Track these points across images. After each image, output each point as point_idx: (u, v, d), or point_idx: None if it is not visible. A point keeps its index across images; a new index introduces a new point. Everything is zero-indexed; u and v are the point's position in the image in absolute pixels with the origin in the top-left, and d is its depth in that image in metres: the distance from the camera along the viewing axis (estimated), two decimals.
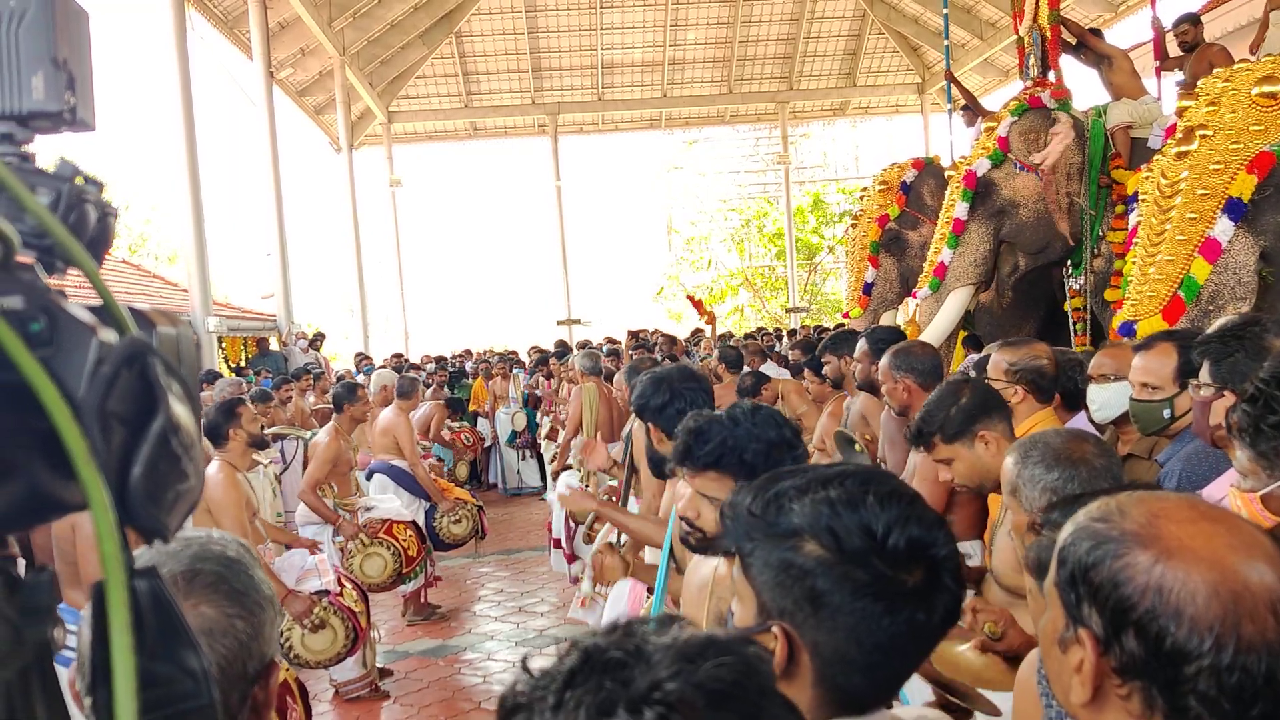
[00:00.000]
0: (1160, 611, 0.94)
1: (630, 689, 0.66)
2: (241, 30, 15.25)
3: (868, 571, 1.03)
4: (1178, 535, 0.98)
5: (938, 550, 1.07)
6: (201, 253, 11.82)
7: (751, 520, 1.09)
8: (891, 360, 3.81)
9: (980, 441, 2.69)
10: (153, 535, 0.52)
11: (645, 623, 0.74)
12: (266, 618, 1.23)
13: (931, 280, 6.92)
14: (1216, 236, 4.70)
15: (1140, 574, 0.96)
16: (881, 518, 1.05)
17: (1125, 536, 0.99)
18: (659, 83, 22.61)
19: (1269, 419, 1.68)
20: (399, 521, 6.34)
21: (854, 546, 1.04)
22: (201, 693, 0.60)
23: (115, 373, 0.48)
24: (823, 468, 1.15)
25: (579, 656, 0.70)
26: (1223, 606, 0.92)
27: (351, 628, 4.94)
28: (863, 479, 1.10)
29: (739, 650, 0.72)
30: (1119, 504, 1.04)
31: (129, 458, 0.49)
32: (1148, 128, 6.73)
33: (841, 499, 1.06)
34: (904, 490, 1.11)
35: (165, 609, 0.59)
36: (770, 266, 31.99)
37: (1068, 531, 1.07)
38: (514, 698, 0.70)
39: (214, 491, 4.57)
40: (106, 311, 0.55)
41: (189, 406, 0.53)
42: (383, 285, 22.23)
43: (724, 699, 0.67)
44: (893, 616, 1.03)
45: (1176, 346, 2.92)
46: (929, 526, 1.07)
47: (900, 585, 1.03)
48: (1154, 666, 0.94)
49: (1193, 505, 1.04)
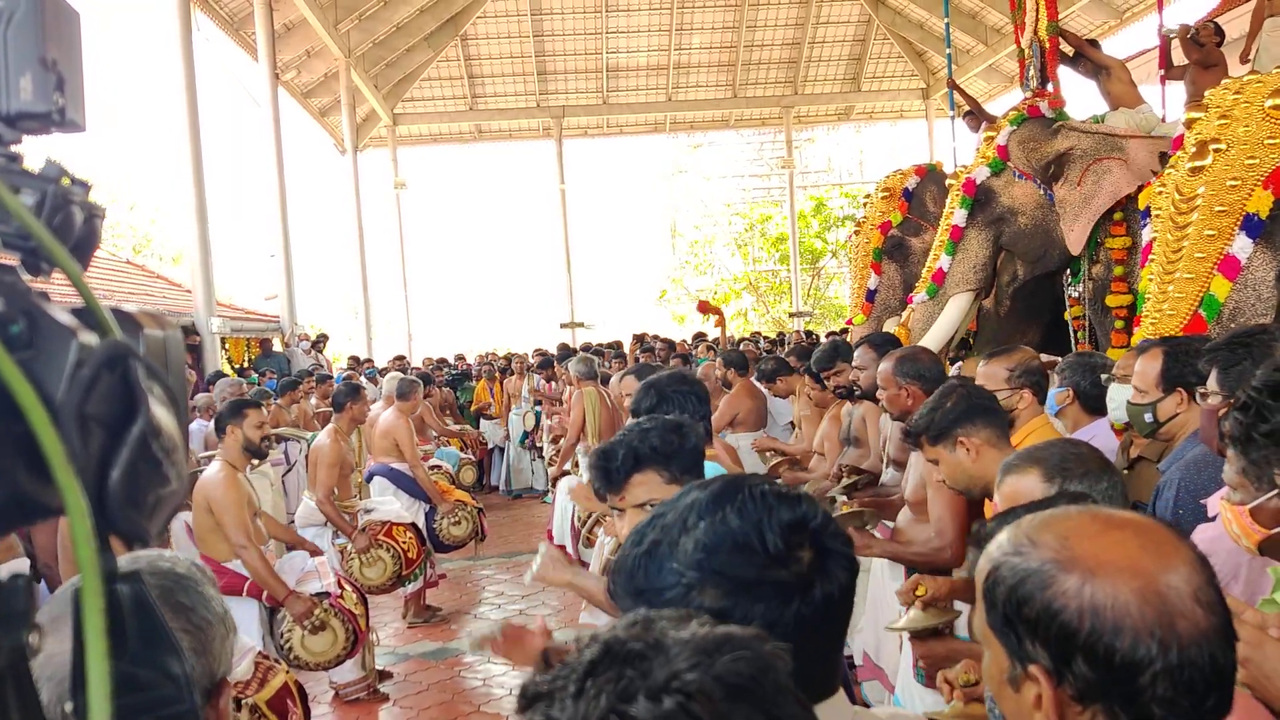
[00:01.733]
0: (1102, 630, 0.94)
1: (650, 679, 0.68)
2: (247, 32, 15.28)
3: (761, 584, 1.03)
4: (1093, 551, 0.98)
5: (810, 523, 1.07)
6: (205, 253, 11.84)
7: (633, 585, 1.08)
8: (896, 366, 3.80)
9: (961, 446, 2.77)
10: (133, 540, 0.52)
11: (664, 618, 0.75)
12: (215, 634, 1.20)
13: (929, 286, 6.94)
14: (1235, 253, 4.68)
15: (1072, 599, 0.96)
16: (749, 528, 1.05)
17: (1045, 564, 0.99)
18: (664, 87, 22.63)
19: (1260, 427, 1.68)
20: (399, 524, 6.33)
21: (742, 573, 1.04)
22: (184, 698, 0.60)
23: (95, 375, 0.48)
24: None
25: (600, 648, 0.71)
26: (1155, 610, 0.94)
27: (351, 630, 4.93)
28: (716, 500, 1.08)
29: (756, 646, 0.73)
30: (1026, 533, 1.04)
31: (108, 461, 0.49)
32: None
33: (707, 535, 1.06)
34: (755, 489, 1.09)
35: (148, 613, 0.59)
36: (774, 271, 31.98)
37: (984, 569, 1.06)
38: (534, 687, 0.71)
39: (214, 490, 4.57)
40: (90, 314, 0.55)
41: (172, 410, 0.53)
42: (386, 287, 22.25)
43: (741, 692, 0.69)
44: (795, 604, 1.03)
45: (1164, 352, 2.93)
46: (792, 506, 1.07)
47: (793, 576, 1.04)
48: (1109, 685, 0.94)
49: (1095, 517, 1.05)
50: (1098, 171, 6.22)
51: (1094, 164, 6.23)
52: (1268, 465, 1.69)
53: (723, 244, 33.31)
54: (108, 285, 14.00)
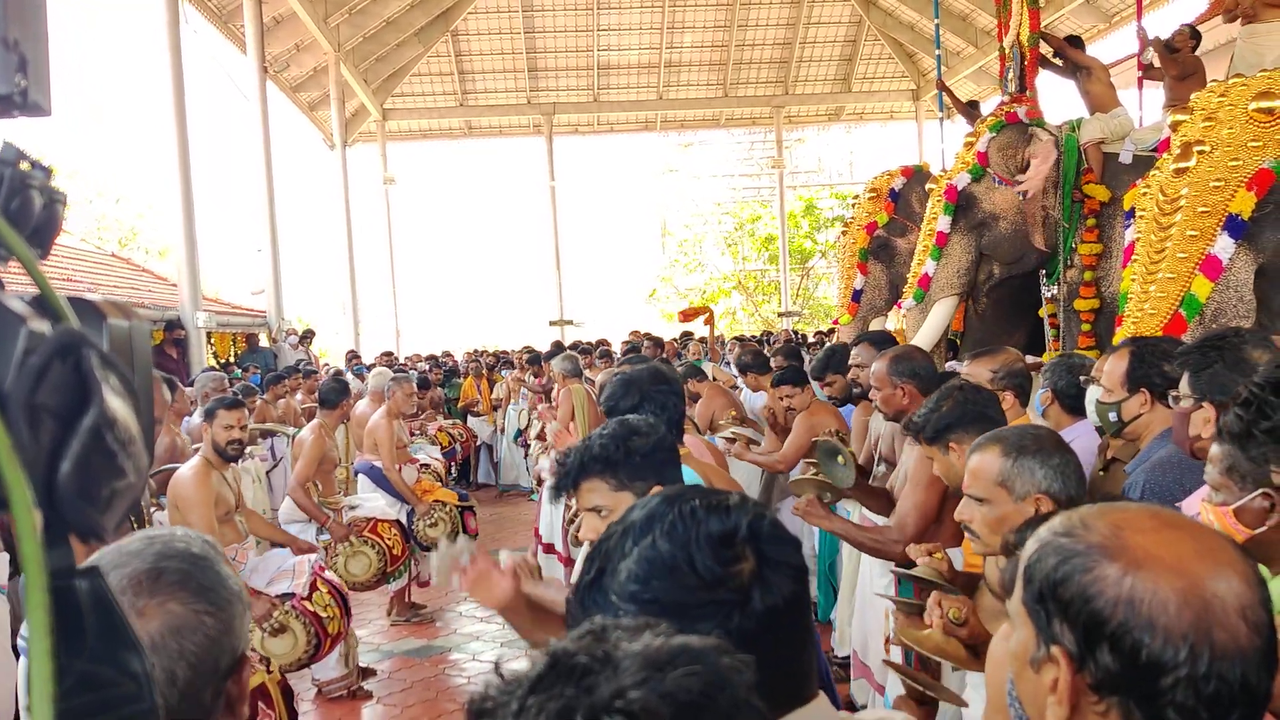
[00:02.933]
0: (1134, 624, 0.92)
1: (593, 696, 0.63)
2: (236, 25, 15.20)
3: (702, 607, 0.99)
4: (1144, 545, 0.97)
5: (747, 532, 1.03)
6: (192, 247, 11.76)
7: (585, 613, 1.05)
8: (891, 366, 3.82)
9: (950, 451, 2.85)
10: (87, 534, 0.50)
11: (619, 627, 0.71)
12: (235, 612, 1.23)
13: (916, 291, 7.02)
14: (1217, 254, 4.71)
15: (1110, 587, 0.94)
16: (678, 548, 1.01)
17: (1092, 549, 0.98)
18: (654, 85, 22.61)
19: (1261, 424, 1.67)
20: (384, 520, 6.30)
21: (676, 597, 1.00)
22: (143, 696, 0.58)
23: (46, 364, 0.46)
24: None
25: (547, 661, 0.67)
26: (1195, 615, 0.91)
27: (314, 633, 4.78)
28: (644, 527, 1.05)
29: (711, 659, 0.68)
30: (1082, 517, 1.03)
31: (59, 453, 0.47)
32: (1119, 142, 6.82)
33: (642, 570, 1.02)
34: (683, 507, 1.05)
35: (106, 610, 0.57)
36: (763, 270, 32.02)
37: (1031, 548, 1.05)
38: (480, 702, 0.67)
39: (183, 488, 4.49)
40: (47, 303, 0.53)
41: (130, 401, 0.51)
42: (375, 283, 22.17)
43: (692, 710, 0.64)
44: (737, 618, 0.99)
45: (1131, 352, 2.94)
46: (723, 517, 1.04)
47: (731, 594, 1.00)
48: (1130, 680, 0.92)
49: (1155, 514, 1.03)
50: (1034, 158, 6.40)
51: (1031, 155, 6.36)
52: (1265, 463, 1.68)
53: (712, 243, 33.33)
54: (94, 278, 13.89)
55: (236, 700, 1.24)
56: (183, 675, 1.15)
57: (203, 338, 12.09)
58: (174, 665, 1.15)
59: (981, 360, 3.44)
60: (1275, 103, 4.77)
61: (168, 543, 1.23)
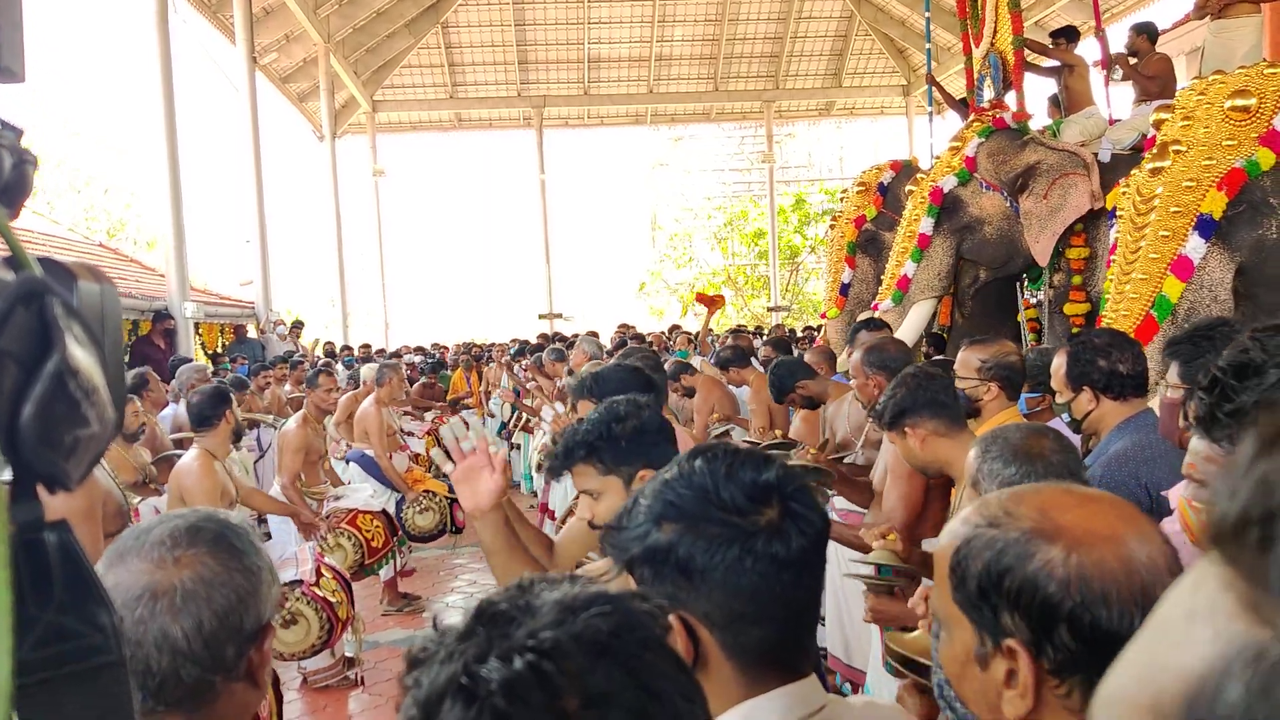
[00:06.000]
0: (1090, 600, 0.93)
1: (509, 639, 0.66)
2: (225, 15, 15.12)
3: (714, 525, 1.05)
4: (1075, 522, 0.97)
5: (776, 483, 1.08)
6: (180, 238, 11.71)
7: (619, 534, 1.12)
8: (865, 357, 3.89)
9: (907, 435, 2.89)
10: (51, 482, 0.51)
11: (543, 580, 0.74)
12: (264, 579, 1.28)
13: (895, 293, 7.05)
14: (1188, 254, 4.72)
15: (1058, 568, 0.94)
16: (709, 476, 1.08)
17: (1026, 535, 0.97)
18: (645, 78, 22.59)
19: (1225, 407, 1.67)
20: (365, 512, 6.26)
21: (694, 510, 1.07)
22: (110, 648, 0.59)
23: (8, 309, 0.47)
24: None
25: (474, 611, 0.71)
26: (1140, 580, 0.93)
27: (326, 619, 4.85)
28: (691, 454, 1.14)
29: (625, 603, 0.71)
30: (1001, 505, 1.02)
31: (20, 398, 0.48)
32: (1097, 142, 6.84)
33: (674, 478, 1.11)
34: (729, 448, 1.14)
35: (75, 563, 0.58)
36: (753, 265, 32.01)
37: (950, 545, 1.04)
38: (415, 653, 0.71)
39: (188, 479, 4.48)
40: (18, 260, 0.54)
41: (93, 352, 0.52)
42: (364, 275, 22.12)
43: (601, 649, 0.66)
44: (753, 558, 1.04)
45: (1066, 352, 2.97)
46: (758, 467, 1.10)
47: (751, 526, 1.05)
48: (1092, 656, 0.92)
49: (1068, 491, 1.04)
50: (1064, 186, 6.32)
51: (1060, 178, 6.33)
52: (1232, 444, 1.68)
53: (702, 238, 33.30)
54: None
55: (258, 668, 1.27)
56: (208, 625, 1.20)
57: (190, 328, 12.04)
58: (201, 613, 1.20)
59: (974, 348, 3.42)
60: (1250, 100, 4.76)
61: (209, 512, 1.32)
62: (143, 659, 1.17)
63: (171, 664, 1.18)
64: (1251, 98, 4.74)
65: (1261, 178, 4.69)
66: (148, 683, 1.18)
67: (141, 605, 1.18)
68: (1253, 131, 4.74)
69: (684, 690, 0.70)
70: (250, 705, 1.30)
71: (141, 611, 1.18)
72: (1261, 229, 4.70)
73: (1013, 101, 7.64)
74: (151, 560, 1.22)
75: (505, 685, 0.63)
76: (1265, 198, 4.70)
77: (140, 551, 1.22)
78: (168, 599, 1.19)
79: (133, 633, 1.17)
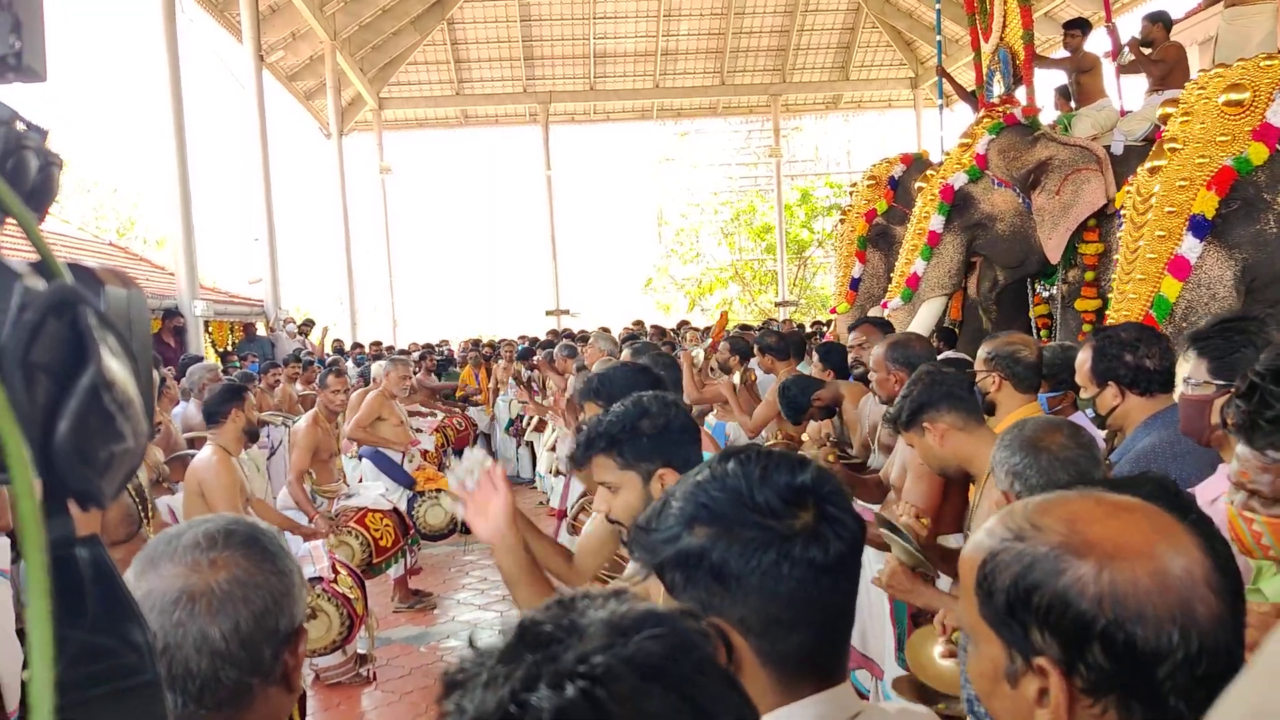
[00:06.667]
0: (1124, 618, 0.88)
1: (557, 664, 0.64)
2: (232, 13, 15.11)
3: (749, 528, 1.04)
4: (1107, 535, 0.92)
5: (811, 486, 1.07)
6: (189, 236, 11.72)
7: (648, 536, 1.10)
8: (887, 352, 3.89)
9: (926, 432, 2.87)
10: (84, 499, 0.49)
11: (587, 596, 0.72)
12: (295, 581, 1.29)
13: (904, 290, 7.00)
14: (1184, 254, 4.68)
15: (1090, 585, 0.89)
16: (743, 478, 1.07)
17: (1055, 550, 0.93)
18: (651, 73, 22.52)
19: (1266, 414, 1.62)
20: (375, 510, 6.25)
21: (728, 513, 1.05)
22: (146, 667, 0.57)
23: (40, 320, 0.45)
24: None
25: (516, 632, 0.69)
26: (1176, 596, 0.88)
27: (346, 614, 4.86)
28: (723, 456, 1.12)
29: (676, 623, 0.69)
30: (1027, 517, 0.97)
31: (55, 413, 0.46)
32: (1109, 134, 6.78)
33: (706, 480, 1.09)
34: (762, 449, 1.13)
35: (108, 579, 0.56)
36: (760, 260, 31.95)
37: (975, 558, 0.99)
38: (454, 674, 0.69)
39: (207, 474, 4.49)
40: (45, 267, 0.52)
41: (128, 364, 0.50)
42: (371, 272, 22.12)
43: (655, 673, 0.64)
44: (790, 562, 1.02)
45: (1091, 347, 2.90)
46: (792, 469, 1.08)
47: (787, 530, 1.03)
48: (1127, 676, 0.88)
49: (1099, 501, 0.99)
50: (1076, 181, 6.27)
51: (1073, 174, 6.28)
52: (1275, 450, 1.62)
53: (709, 233, 33.24)
54: None
55: (292, 671, 1.27)
56: (246, 626, 1.20)
57: (200, 326, 12.06)
58: (239, 614, 1.20)
59: (985, 343, 3.44)
60: (1244, 95, 4.69)
61: (238, 518, 1.33)
62: (182, 661, 1.17)
63: (211, 666, 1.18)
64: (1246, 91, 4.68)
65: (1255, 173, 4.63)
66: (189, 686, 1.18)
67: (179, 608, 1.18)
68: (1246, 126, 4.67)
69: (739, 713, 0.68)
70: (285, 709, 1.29)
71: (179, 614, 1.18)
72: (1259, 224, 4.65)
73: (1023, 96, 7.57)
74: (185, 564, 1.21)
75: (559, 714, 0.61)
76: (1259, 193, 4.65)
77: (173, 556, 1.22)
78: (205, 601, 1.19)
79: (171, 636, 1.17)
